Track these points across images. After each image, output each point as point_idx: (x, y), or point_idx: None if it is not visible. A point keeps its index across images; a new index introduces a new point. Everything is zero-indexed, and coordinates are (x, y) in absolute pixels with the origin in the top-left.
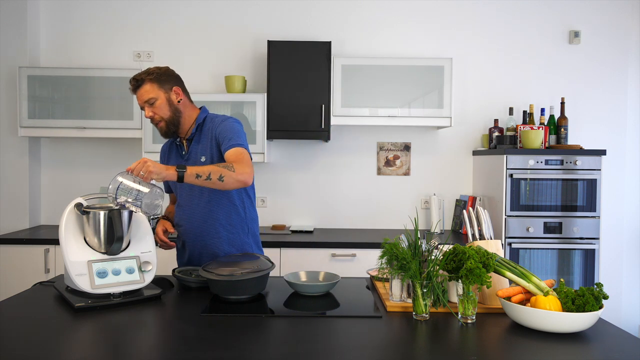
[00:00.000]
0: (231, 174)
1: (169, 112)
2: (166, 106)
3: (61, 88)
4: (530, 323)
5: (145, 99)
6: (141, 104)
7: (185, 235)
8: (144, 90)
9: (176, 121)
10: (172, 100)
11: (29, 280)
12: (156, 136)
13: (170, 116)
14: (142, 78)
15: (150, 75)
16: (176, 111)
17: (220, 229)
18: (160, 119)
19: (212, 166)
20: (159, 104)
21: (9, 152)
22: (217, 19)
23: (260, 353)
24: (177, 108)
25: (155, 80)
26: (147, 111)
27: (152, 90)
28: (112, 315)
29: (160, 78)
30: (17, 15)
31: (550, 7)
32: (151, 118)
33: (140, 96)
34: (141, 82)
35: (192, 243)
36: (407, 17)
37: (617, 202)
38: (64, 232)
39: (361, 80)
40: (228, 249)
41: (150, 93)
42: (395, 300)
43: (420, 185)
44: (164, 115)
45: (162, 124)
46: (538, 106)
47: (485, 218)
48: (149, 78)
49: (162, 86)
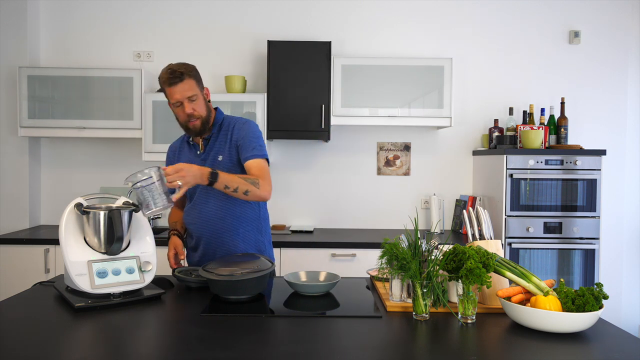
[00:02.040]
0: (256, 190)
1: (205, 110)
2: (203, 104)
3: (61, 88)
4: (530, 323)
5: (188, 95)
6: (180, 98)
7: (200, 232)
8: (187, 86)
9: (208, 120)
10: (206, 99)
11: (29, 280)
12: (156, 136)
13: (207, 115)
14: (182, 72)
15: (190, 71)
16: (209, 110)
17: (238, 226)
18: (199, 116)
19: (241, 180)
20: (199, 102)
21: (9, 152)
22: (217, 19)
23: (260, 353)
24: (209, 107)
25: (194, 77)
26: (187, 107)
27: (193, 86)
28: (112, 315)
29: (197, 76)
30: (17, 15)
31: (550, 7)
32: (190, 115)
33: (182, 91)
34: (183, 77)
35: (207, 240)
36: (407, 17)
37: (617, 202)
38: (64, 232)
39: (361, 80)
40: (243, 247)
41: (193, 89)
42: (395, 300)
43: (420, 185)
44: (202, 113)
45: (198, 121)
46: (538, 106)
47: (485, 218)
48: (191, 74)
49: (198, 84)
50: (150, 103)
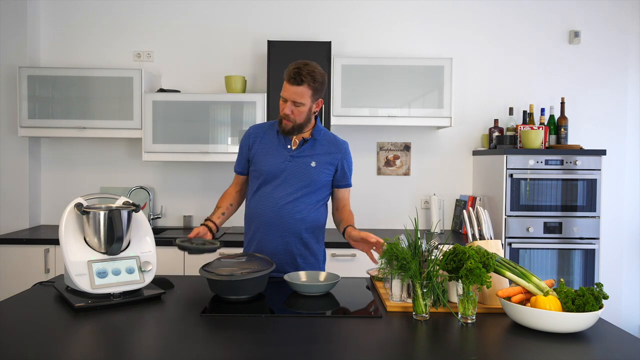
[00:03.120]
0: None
1: (303, 119)
2: (305, 114)
3: (61, 88)
4: (530, 323)
5: (296, 100)
6: (287, 97)
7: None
8: (300, 91)
9: (302, 128)
10: (312, 110)
11: (29, 280)
12: (156, 136)
13: (301, 123)
14: (304, 79)
15: (313, 81)
16: (308, 120)
17: (303, 232)
18: (293, 120)
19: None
20: (302, 110)
21: (9, 152)
22: (217, 19)
23: (260, 353)
24: (310, 118)
25: (313, 89)
26: (287, 107)
27: (306, 95)
28: (112, 315)
29: (318, 89)
30: (17, 15)
31: (550, 7)
32: (286, 115)
33: (293, 93)
34: (302, 82)
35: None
36: (407, 17)
37: (617, 202)
38: (64, 232)
39: (361, 80)
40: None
41: (304, 98)
42: (395, 300)
43: (420, 185)
44: (298, 120)
45: (290, 124)
46: (538, 106)
47: (485, 218)
48: (310, 84)
49: (313, 95)
50: (150, 103)
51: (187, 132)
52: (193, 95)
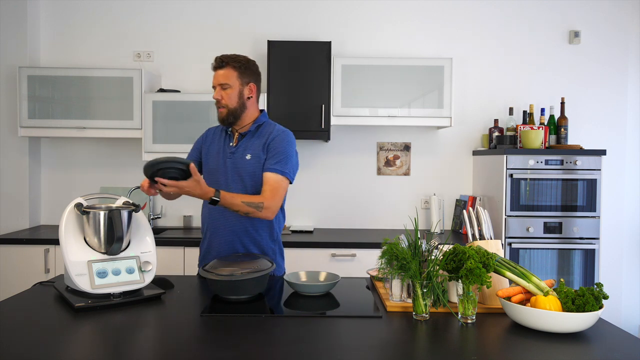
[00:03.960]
0: (257, 213)
1: (236, 103)
2: (236, 97)
3: (61, 88)
4: (530, 323)
5: (221, 82)
6: (215, 84)
7: (211, 232)
8: (223, 73)
9: (237, 114)
10: (244, 94)
11: (29, 280)
12: (156, 136)
13: (235, 108)
14: (227, 61)
15: (236, 62)
16: (242, 105)
17: (252, 231)
18: (225, 105)
19: (243, 204)
20: (230, 92)
21: (9, 152)
22: (217, 19)
23: (260, 353)
24: (244, 103)
25: (237, 69)
26: (216, 93)
27: (231, 77)
28: (112, 315)
29: (244, 69)
30: (17, 15)
31: (550, 7)
32: (217, 100)
33: (217, 76)
34: (224, 65)
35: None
36: (407, 17)
37: (617, 202)
38: (64, 232)
39: (361, 80)
40: (252, 249)
41: (228, 79)
42: (395, 300)
43: (420, 185)
44: (230, 104)
45: (224, 110)
46: (538, 106)
47: (485, 218)
48: (234, 65)
49: (240, 77)
50: (150, 103)
51: (187, 132)
52: (193, 95)
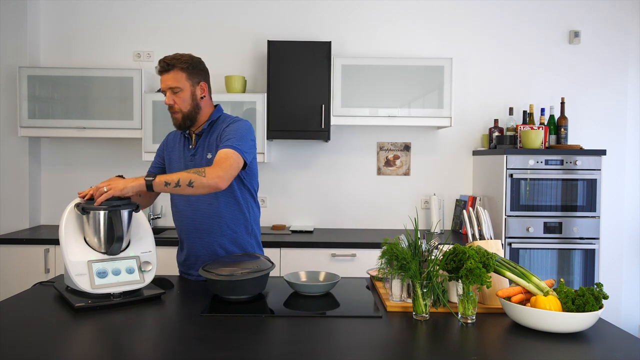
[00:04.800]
0: (201, 179)
1: (189, 105)
2: (189, 99)
3: (61, 88)
4: (530, 323)
5: (171, 86)
6: (164, 88)
7: (185, 232)
8: (172, 77)
9: (193, 116)
10: (196, 95)
11: (29, 280)
12: (156, 136)
13: (190, 110)
14: (173, 63)
15: (182, 63)
16: (196, 107)
17: (225, 228)
18: (178, 110)
19: (182, 172)
20: (182, 95)
21: (9, 152)
22: (217, 19)
23: (260, 353)
24: (198, 104)
25: (186, 70)
26: (168, 98)
27: (180, 79)
28: (112, 315)
29: (192, 69)
30: (17, 15)
31: (550, 7)
32: (170, 106)
33: (166, 80)
34: (171, 67)
35: (192, 241)
36: (407, 17)
37: (617, 202)
38: (64, 232)
39: (361, 80)
40: (231, 248)
41: (178, 82)
42: (395, 300)
43: (420, 185)
44: (184, 107)
45: (178, 115)
46: (538, 106)
47: (485, 218)
48: (181, 66)
49: (190, 78)
50: (150, 103)
51: None
52: None
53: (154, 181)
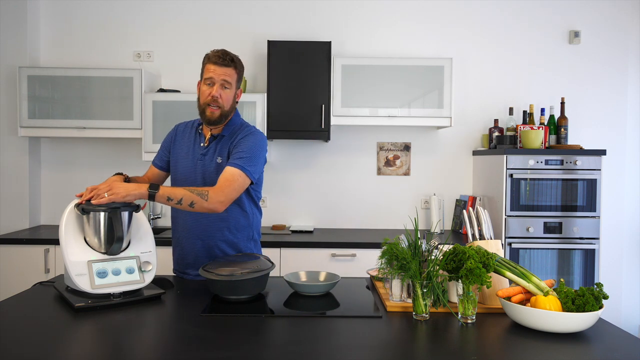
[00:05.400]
0: (202, 202)
1: (229, 105)
2: (231, 99)
3: (61, 88)
4: (530, 323)
5: (225, 80)
6: (215, 77)
7: (185, 234)
8: (230, 72)
9: (227, 116)
10: (235, 98)
11: (29, 280)
12: (156, 136)
13: (228, 110)
14: (234, 60)
15: (239, 65)
16: (232, 109)
17: (227, 233)
18: (220, 105)
19: (187, 191)
20: (229, 93)
21: (9, 152)
22: (217, 19)
23: (260, 353)
24: (234, 107)
25: (239, 73)
26: (216, 89)
27: (233, 78)
28: (112, 315)
29: (241, 75)
30: (17, 15)
31: (550, 7)
32: (214, 98)
33: (223, 73)
34: (231, 65)
35: (192, 243)
36: (407, 17)
37: (617, 202)
38: (64, 232)
39: (361, 80)
40: (229, 252)
41: (232, 79)
42: (395, 300)
43: (420, 185)
44: (226, 105)
45: (218, 111)
46: (538, 106)
47: (485, 218)
48: (237, 67)
49: (238, 81)
50: (150, 103)
51: None
52: (193, 95)
53: (157, 193)
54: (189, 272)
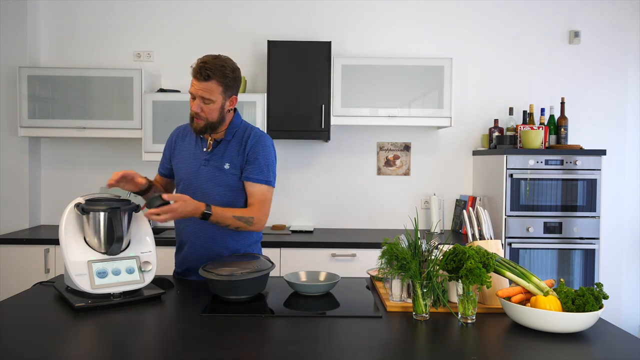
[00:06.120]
0: (247, 227)
1: (216, 117)
2: (217, 111)
3: (61, 88)
4: (530, 323)
5: (204, 96)
6: (194, 93)
7: (188, 239)
8: (208, 87)
9: (215, 126)
10: (225, 107)
11: (29, 280)
12: (156, 136)
13: (214, 121)
14: (213, 74)
15: (223, 77)
16: (222, 118)
17: (229, 240)
18: (204, 119)
19: (234, 219)
20: (213, 107)
21: (9, 152)
22: (217, 19)
23: (260, 353)
24: (224, 116)
25: (223, 84)
26: (196, 105)
27: (215, 92)
28: (112, 315)
29: (229, 85)
30: (17, 15)
31: (550, 7)
32: (196, 113)
33: (200, 89)
34: (210, 78)
35: (194, 249)
36: (407, 17)
37: (617, 202)
38: (64, 232)
39: (361, 80)
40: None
41: (212, 94)
42: (395, 300)
43: (420, 185)
44: (210, 118)
45: (202, 122)
46: (538, 106)
47: (485, 218)
48: (220, 80)
49: (225, 92)
50: (150, 103)
51: None
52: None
53: (210, 217)
54: (189, 276)
